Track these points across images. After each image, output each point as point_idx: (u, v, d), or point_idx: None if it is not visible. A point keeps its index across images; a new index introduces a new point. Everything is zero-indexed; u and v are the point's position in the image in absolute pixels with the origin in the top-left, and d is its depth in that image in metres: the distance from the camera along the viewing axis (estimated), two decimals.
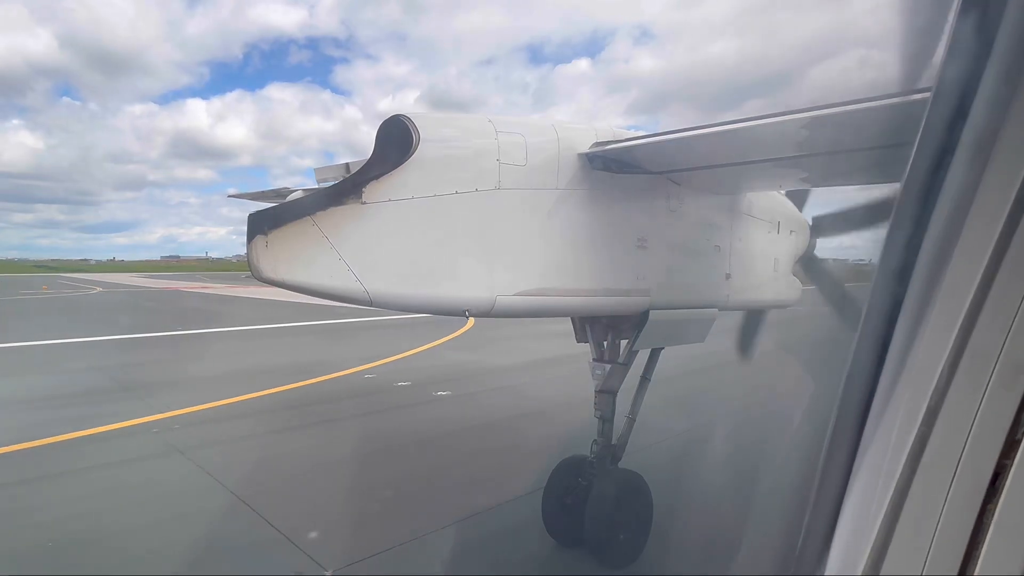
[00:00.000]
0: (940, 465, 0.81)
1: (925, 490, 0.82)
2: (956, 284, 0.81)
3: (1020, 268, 0.76)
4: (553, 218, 3.54)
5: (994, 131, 0.77)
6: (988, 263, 0.78)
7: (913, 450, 0.83)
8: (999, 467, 0.76)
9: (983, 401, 0.78)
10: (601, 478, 4.65)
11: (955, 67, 0.82)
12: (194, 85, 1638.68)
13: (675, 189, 4.17)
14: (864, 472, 0.91)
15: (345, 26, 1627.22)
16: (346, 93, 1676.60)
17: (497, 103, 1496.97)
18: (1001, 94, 0.77)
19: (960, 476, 0.79)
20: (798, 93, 4.21)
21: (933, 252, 0.84)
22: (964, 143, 0.81)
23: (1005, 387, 0.76)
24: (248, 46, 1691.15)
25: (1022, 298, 0.76)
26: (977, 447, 0.78)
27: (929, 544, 0.81)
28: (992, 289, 0.78)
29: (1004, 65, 0.76)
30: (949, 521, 0.80)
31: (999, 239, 0.77)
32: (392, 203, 2.98)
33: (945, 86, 0.83)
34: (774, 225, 5.42)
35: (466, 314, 3.29)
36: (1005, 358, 0.77)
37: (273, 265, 2.83)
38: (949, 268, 0.82)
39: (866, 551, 0.86)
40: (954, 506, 0.79)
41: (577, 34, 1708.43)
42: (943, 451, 0.81)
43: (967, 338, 0.80)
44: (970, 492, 0.78)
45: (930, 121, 0.86)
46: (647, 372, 4.91)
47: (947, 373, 0.81)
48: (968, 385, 0.79)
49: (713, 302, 4.75)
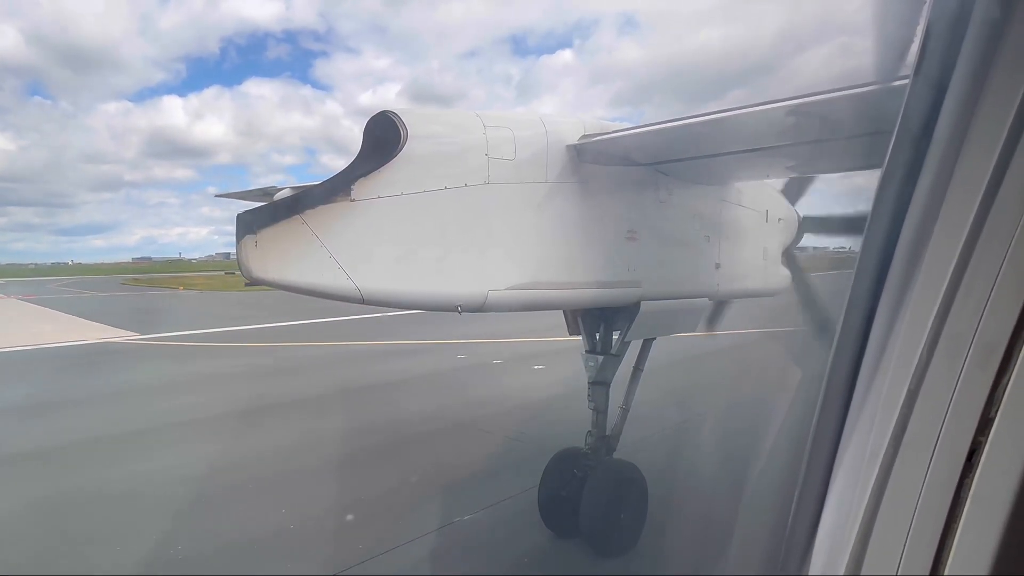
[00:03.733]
0: (920, 443, 0.84)
1: (907, 469, 0.85)
2: (933, 270, 0.83)
3: (991, 253, 0.78)
4: (543, 212, 3.54)
5: (966, 120, 0.79)
6: (962, 249, 0.80)
7: (895, 432, 0.86)
8: (975, 444, 0.79)
9: (959, 382, 0.81)
10: (596, 469, 4.69)
11: (932, 54, 0.83)
12: (170, 82, 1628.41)
13: (664, 180, 4.19)
14: (849, 456, 0.94)
15: (323, 19, 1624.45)
16: (326, 88, 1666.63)
17: (480, 96, 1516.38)
18: (974, 83, 0.78)
19: (939, 453, 0.82)
20: (783, 81, 4.22)
21: (911, 239, 0.86)
22: (938, 132, 0.83)
23: (979, 368, 0.79)
24: (224, 41, 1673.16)
25: (993, 282, 0.78)
26: (954, 425, 0.81)
27: (911, 516, 0.84)
28: (966, 274, 0.80)
29: (977, 53, 0.77)
30: (930, 495, 0.83)
31: (972, 225, 0.79)
32: (381, 200, 2.97)
33: (923, 73, 0.85)
34: (762, 214, 5.45)
35: (459, 310, 3.28)
36: (979, 340, 0.79)
37: (263, 265, 2.82)
38: (926, 254, 0.84)
39: (853, 527, 0.89)
40: (934, 481, 0.82)
41: (560, 24, 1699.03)
42: (923, 430, 0.84)
43: (943, 322, 0.82)
44: (949, 468, 0.81)
45: (907, 109, 0.88)
46: (639, 363, 4.94)
47: (926, 356, 0.84)
48: (945, 367, 0.82)
49: (703, 292, 4.78)
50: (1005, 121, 0.76)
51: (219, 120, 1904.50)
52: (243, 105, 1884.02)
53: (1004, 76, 0.76)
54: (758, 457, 1.76)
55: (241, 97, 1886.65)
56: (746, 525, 1.63)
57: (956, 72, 0.80)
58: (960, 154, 0.80)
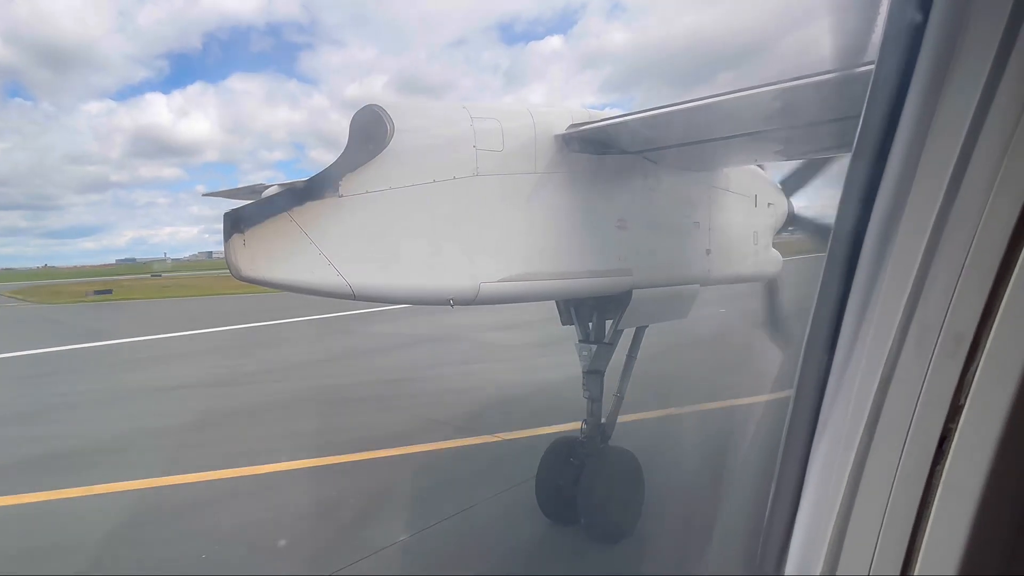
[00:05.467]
0: (893, 432, 0.85)
1: (880, 458, 0.87)
2: (902, 259, 0.84)
3: (957, 242, 0.79)
4: (533, 202, 3.53)
5: (931, 109, 0.80)
6: (929, 238, 0.81)
7: (869, 421, 0.87)
8: (945, 431, 0.81)
9: (929, 370, 0.82)
10: (592, 457, 4.73)
11: (896, 37, 0.84)
12: (152, 79, 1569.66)
13: (652, 168, 4.19)
14: (824, 448, 0.95)
15: (306, 10, 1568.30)
16: (312, 81, 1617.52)
17: (469, 85, 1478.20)
18: (937, 71, 0.79)
19: (911, 442, 0.84)
20: (773, 64, 4.22)
21: (880, 228, 0.87)
22: (904, 120, 0.83)
23: (948, 356, 0.80)
24: (207, 36, 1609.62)
25: (960, 271, 0.79)
26: (925, 414, 0.82)
27: (885, 505, 0.86)
28: (933, 263, 0.81)
29: (939, 42, 0.78)
30: (903, 483, 0.84)
31: (938, 215, 0.80)
32: (369, 195, 2.95)
33: (887, 58, 0.85)
34: (752, 199, 5.47)
35: (451, 303, 3.28)
36: (947, 329, 0.80)
37: (252, 263, 2.79)
38: (895, 244, 0.85)
39: (831, 521, 0.90)
40: (907, 470, 0.84)
41: (548, 10, 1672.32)
42: (895, 420, 0.85)
43: (913, 311, 0.83)
44: (920, 456, 0.83)
45: (871, 97, 0.88)
46: (632, 351, 4.97)
47: (897, 346, 0.85)
48: (916, 356, 0.83)
49: (695, 278, 4.80)
50: (968, 110, 0.76)
51: (205, 117, 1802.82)
52: (228, 101, 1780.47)
53: (967, 65, 0.76)
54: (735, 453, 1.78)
55: (226, 93, 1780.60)
56: (724, 523, 1.65)
57: (920, 56, 0.81)
58: (926, 143, 0.81)
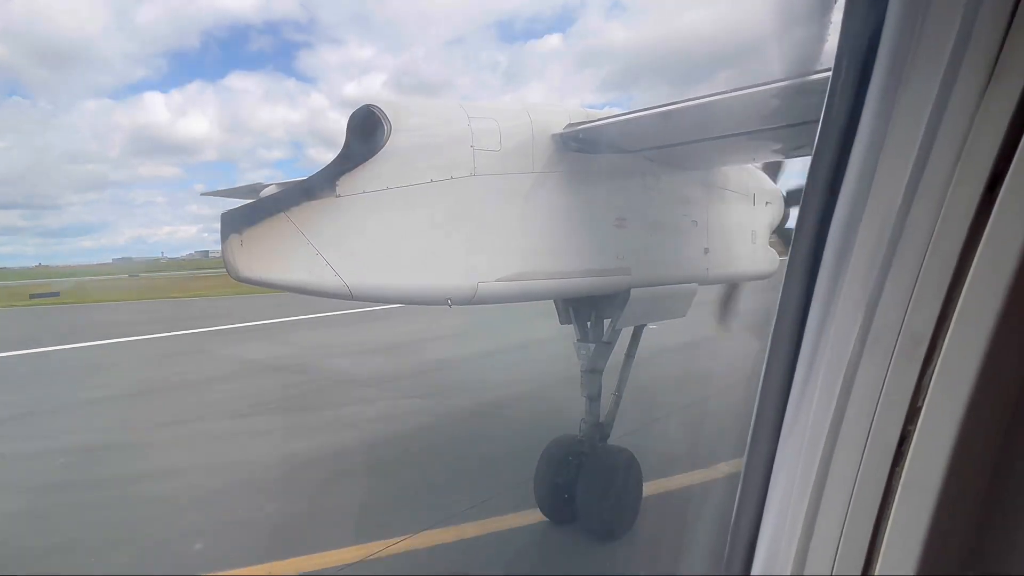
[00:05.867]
0: (855, 434, 0.87)
1: (842, 459, 0.88)
2: (862, 261, 0.85)
3: (915, 243, 0.80)
4: (530, 202, 3.54)
5: (888, 111, 0.80)
6: (888, 240, 0.82)
7: (832, 422, 0.88)
8: (904, 432, 0.82)
9: (888, 373, 0.83)
10: (591, 456, 4.73)
11: (853, 43, 0.84)
12: (151, 78, 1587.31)
13: (650, 167, 4.19)
14: (790, 448, 0.96)
15: (305, 9, 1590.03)
16: (311, 80, 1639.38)
17: (467, 84, 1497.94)
18: (892, 75, 0.80)
19: (871, 443, 0.85)
20: (771, 62, 4.21)
21: (840, 233, 0.88)
22: (863, 124, 0.84)
23: (907, 358, 0.81)
24: (205, 34, 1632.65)
25: (918, 273, 0.80)
26: (885, 416, 0.84)
27: (847, 507, 0.87)
28: (892, 265, 0.82)
29: (895, 39, 0.78)
30: (863, 485, 0.86)
31: (896, 217, 0.81)
32: (367, 195, 2.96)
33: (843, 62, 0.86)
34: (749, 197, 5.47)
35: (448, 303, 3.28)
36: (905, 331, 0.82)
37: (249, 264, 2.80)
38: (855, 247, 0.86)
39: (797, 522, 0.92)
40: (867, 471, 0.86)
41: (547, 8, 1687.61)
42: (857, 421, 0.87)
43: (873, 313, 0.84)
44: (880, 457, 0.84)
45: (832, 97, 0.88)
46: (631, 349, 4.97)
47: (858, 347, 0.86)
48: (876, 358, 0.84)
49: (693, 277, 4.80)
50: (924, 114, 0.77)
51: (203, 116, 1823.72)
52: (227, 100, 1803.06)
53: (922, 69, 0.77)
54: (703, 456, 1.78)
55: (224, 91, 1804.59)
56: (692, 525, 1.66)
57: (877, 60, 0.82)
58: (882, 148, 0.82)
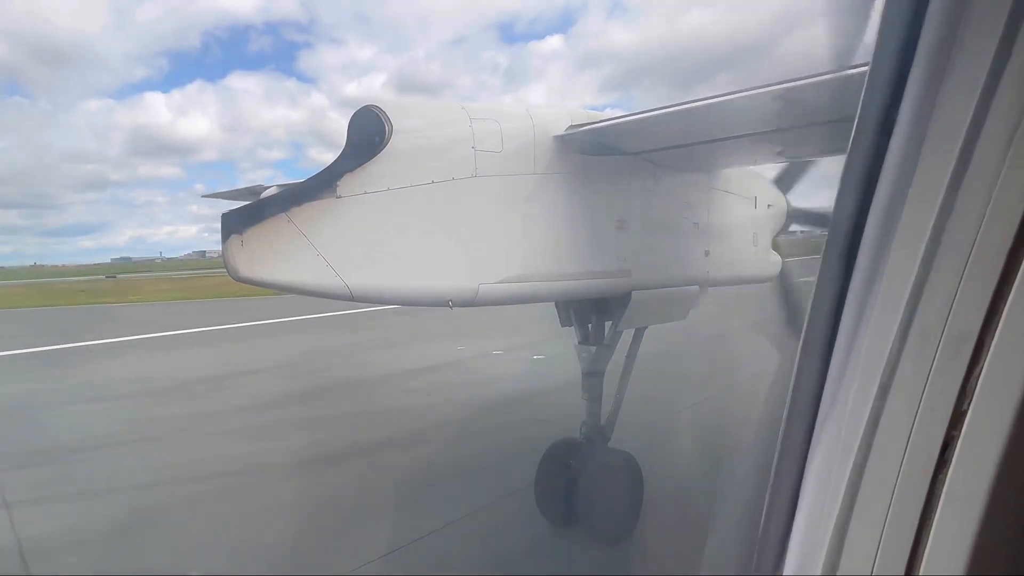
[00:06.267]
0: (893, 439, 0.83)
1: (880, 466, 0.84)
2: (901, 259, 0.82)
3: (960, 240, 0.77)
4: (532, 203, 3.52)
5: (930, 105, 0.78)
6: (930, 237, 0.79)
7: (867, 428, 0.84)
8: (947, 438, 0.78)
9: (931, 375, 0.79)
10: (592, 459, 4.71)
11: (892, 40, 0.82)
12: (151, 78, 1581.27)
13: (651, 169, 4.18)
14: (821, 454, 0.93)
15: (305, 8, 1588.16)
16: (311, 80, 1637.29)
17: (468, 84, 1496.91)
18: (936, 68, 0.77)
19: (912, 448, 0.81)
20: (774, 64, 4.16)
21: (878, 228, 0.85)
22: (901, 118, 0.81)
23: (950, 359, 0.77)
24: (205, 34, 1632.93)
25: (963, 270, 0.77)
26: (927, 420, 0.79)
27: (885, 514, 0.83)
28: (934, 263, 0.78)
29: (936, 37, 0.76)
30: (903, 492, 0.82)
31: (939, 213, 0.78)
32: (368, 195, 2.94)
33: (882, 59, 0.84)
34: (751, 200, 5.45)
35: (450, 305, 3.27)
36: (949, 330, 0.78)
37: (249, 264, 2.79)
38: (894, 242, 0.83)
39: (828, 526, 0.88)
40: (907, 478, 0.81)
41: (549, 9, 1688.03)
42: (895, 426, 0.82)
43: (914, 313, 0.80)
44: (922, 464, 0.80)
45: (867, 96, 0.86)
46: (632, 352, 4.96)
47: (896, 349, 0.82)
48: (917, 360, 0.80)
49: (694, 279, 4.79)
50: (969, 107, 0.74)
51: (203, 116, 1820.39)
52: (227, 100, 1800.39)
53: (967, 62, 0.74)
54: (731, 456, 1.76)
55: (225, 91, 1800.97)
56: (721, 525, 1.62)
57: (917, 56, 0.79)
58: (924, 142, 0.79)
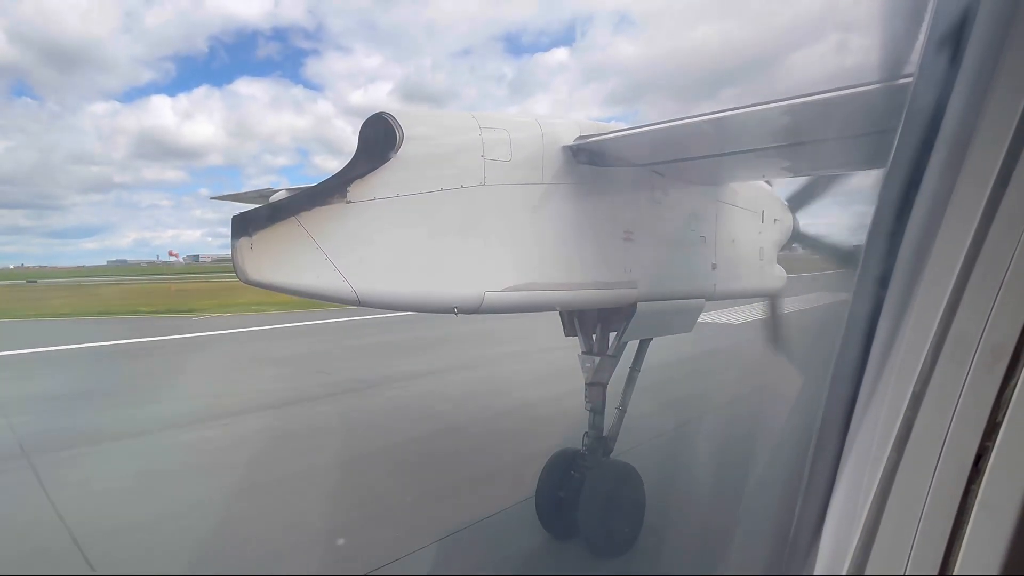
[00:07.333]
0: (925, 449, 0.82)
1: (911, 474, 0.83)
2: (938, 269, 0.82)
3: (999, 252, 0.77)
4: (539, 213, 3.53)
5: (972, 120, 0.78)
6: (968, 249, 0.79)
7: (899, 436, 0.84)
8: (981, 449, 0.77)
9: (965, 385, 0.79)
10: (594, 470, 4.68)
11: (936, 53, 0.82)
12: (158, 81, 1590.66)
13: (659, 181, 4.18)
14: (852, 460, 0.92)
15: (313, 16, 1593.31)
16: (317, 87, 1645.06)
17: (473, 95, 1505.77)
18: (979, 82, 0.77)
19: (944, 459, 0.80)
20: (781, 80, 4.22)
21: (916, 239, 0.85)
22: (944, 131, 0.82)
23: (986, 370, 0.77)
24: (213, 39, 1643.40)
25: (1001, 282, 0.77)
26: (960, 430, 0.79)
27: (916, 523, 0.82)
28: (972, 274, 0.79)
29: (980, 52, 0.76)
30: (936, 500, 0.81)
31: (978, 225, 0.78)
32: (377, 201, 2.95)
33: (927, 72, 0.84)
34: (758, 214, 5.46)
35: (455, 311, 3.27)
36: (985, 342, 0.77)
37: (258, 267, 2.79)
38: (931, 255, 0.83)
39: (857, 532, 0.87)
40: (940, 486, 0.81)
41: (555, 21, 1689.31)
42: (929, 434, 0.82)
43: (949, 323, 0.80)
44: (954, 474, 0.79)
45: (912, 109, 0.86)
46: (636, 363, 4.94)
47: (931, 359, 0.82)
48: (951, 370, 0.80)
49: (700, 292, 4.78)
50: (1011, 120, 0.74)
51: (209, 120, 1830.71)
52: (233, 105, 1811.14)
53: (1009, 75, 0.74)
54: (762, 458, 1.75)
55: (231, 97, 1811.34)
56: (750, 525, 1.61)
57: (961, 71, 0.79)
58: (966, 154, 0.79)
